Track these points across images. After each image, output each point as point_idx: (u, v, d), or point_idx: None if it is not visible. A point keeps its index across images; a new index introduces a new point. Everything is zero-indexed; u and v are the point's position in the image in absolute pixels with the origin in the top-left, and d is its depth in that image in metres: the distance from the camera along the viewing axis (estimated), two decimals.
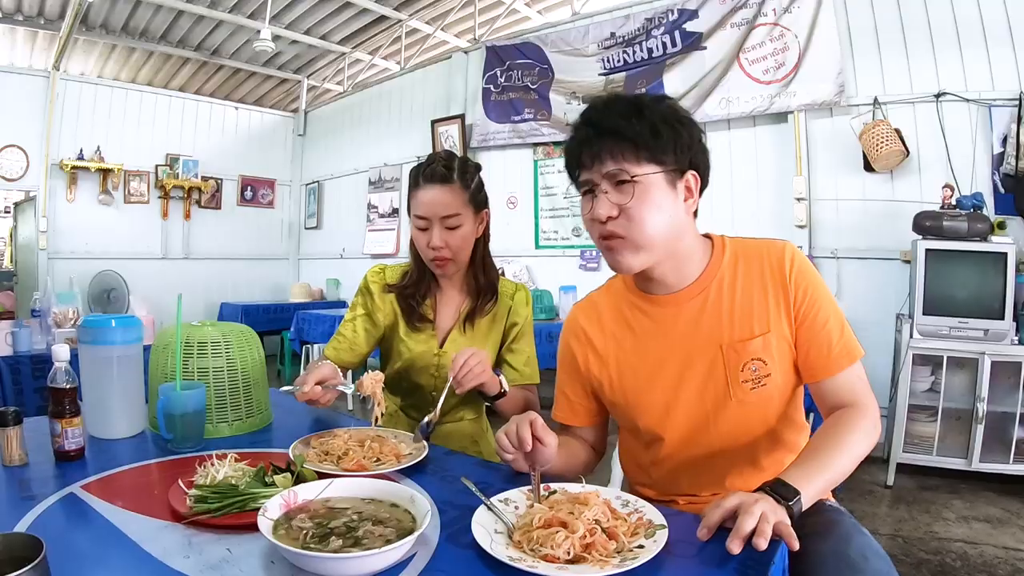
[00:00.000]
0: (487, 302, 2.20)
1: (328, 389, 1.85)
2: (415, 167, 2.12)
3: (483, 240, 2.20)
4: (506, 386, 1.95)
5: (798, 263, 1.49)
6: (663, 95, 1.51)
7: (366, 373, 1.89)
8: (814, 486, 1.24)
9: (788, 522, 1.12)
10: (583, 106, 5.25)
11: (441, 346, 2.17)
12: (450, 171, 2.06)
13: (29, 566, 0.79)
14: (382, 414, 1.89)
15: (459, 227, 2.06)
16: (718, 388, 1.50)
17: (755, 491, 1.19)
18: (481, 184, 2.16)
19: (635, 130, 1.38)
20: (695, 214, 1.53)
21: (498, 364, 2.23)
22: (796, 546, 1.09)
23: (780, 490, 1.19)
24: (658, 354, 1.56)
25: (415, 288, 2.19)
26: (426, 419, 1.82)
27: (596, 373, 1.66)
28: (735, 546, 1.06)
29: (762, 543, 1.05)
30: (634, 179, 1.39)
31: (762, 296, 1.49)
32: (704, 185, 1.51)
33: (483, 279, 2.20)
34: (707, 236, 1.60)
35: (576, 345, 1.71)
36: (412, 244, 2.17)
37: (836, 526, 1.35)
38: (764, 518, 1.09)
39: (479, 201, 2.13)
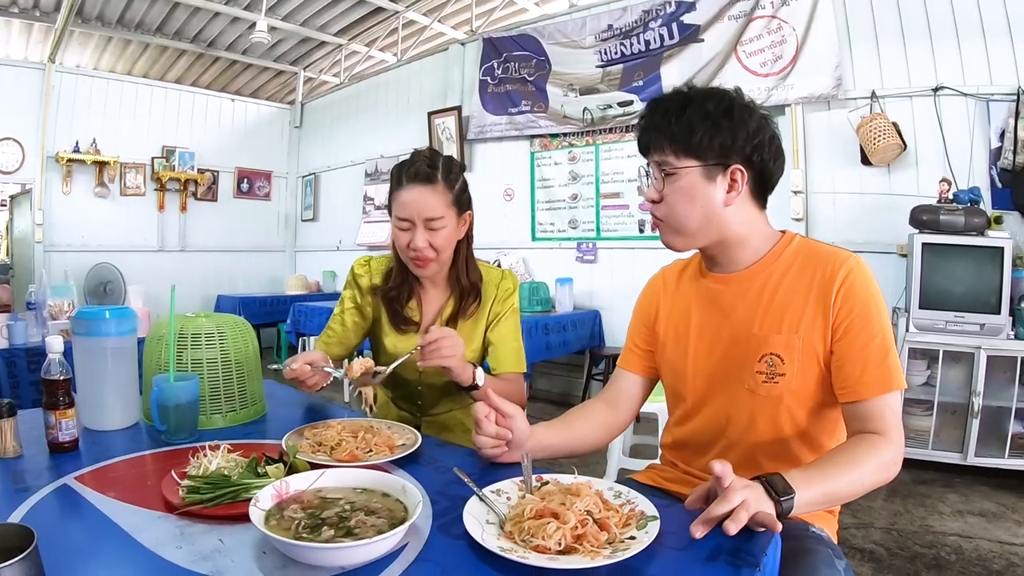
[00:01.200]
0: (470, 304, 2.17)
1: (316, 371, 1.84)
2: (397, 165, 2.08)
3: (466, 241, 2.18)
4: (479, 380, 1.92)
5: (852, 280, 1.47)
6: (726, 90, 1.56)
7: (356, 358, 1.87)
8: (813, 493, 1.23)
9: (772, 513, 1.13)
10: (580, 98, 5.29)
11: None
12: (434, 170, 2.02)
13: (20, 556, 0.79)
14: (374, 402, 1.88)
15: (442, 228, 2.03)
16: (735, 371, 1.56)
17: (752, 479, 1.20)
18: (465, 185, 2.12)
19: (672, 130, 1.50)
20: (764, 206, 1.61)
21: (483, 354, 2.22)
22: (779, 528, 1.10)
23: (775, 483, 1.19)
24: (699, 324, 1.65)
25: (399, 290, 2.17)
26: (374, 371, 1.85)
27: (655, 325, 1.79)
28: (697, 531, 1.09)
29: (732, 528, 1.06)
30: (670, 172, 1.51)
31: (802, 300, 1.50)
32: (770, 177, 1.57)
33: (465, 280, 2.17)
34: (783, 232, 1.65)
35: (652, 296, 1.83)
36: (394, 243, 2.14)
37: (807, 556, 1.36)
38: (743, 506, 1.09)
39: (463, 202, 2.10)
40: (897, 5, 4.96)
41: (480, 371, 1.92)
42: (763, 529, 1.11)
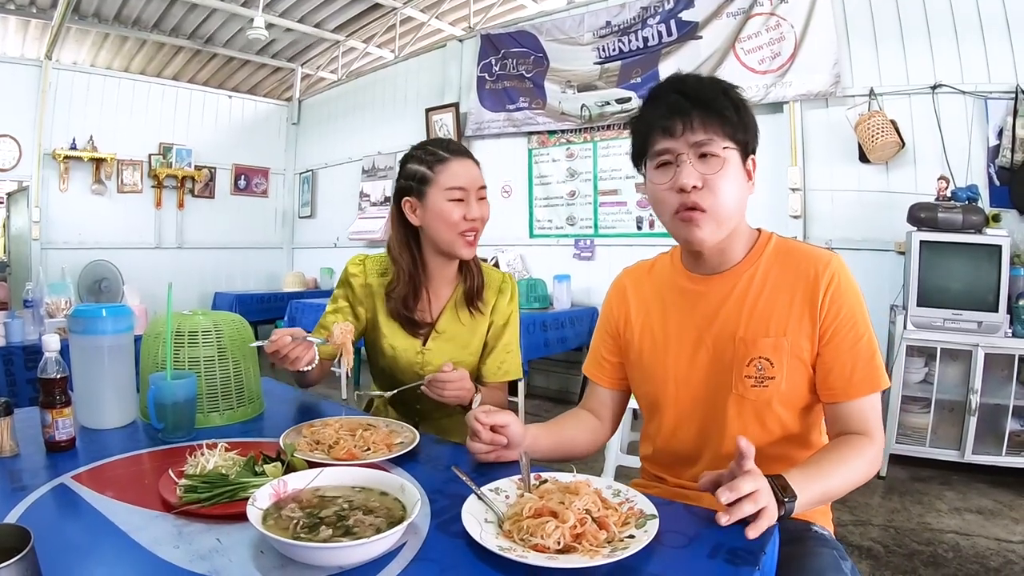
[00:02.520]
0: (477, 288, 2.16)
1: (297, 342, 1.82)
2: (428, 143, 2.10)
3: None
4: (475, 406, 1.88)
5: (837, 282, 1.45)
6: (731, 83, 1.52)
7: (337, 324, 1.88)
8: (811, 493, 1.24)
9: (774, 517, 1.14)
10: (578, 95, 5.22)
11: (424, 344, 2.15)
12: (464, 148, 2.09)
13: (16, 557, 0.79)
14: (351, 367, 1.86)
15: (485, 199, 2.07)
16: (722, 377, 1.52)
17: None
18: None
19: (725, 105, 1.43)
20: None
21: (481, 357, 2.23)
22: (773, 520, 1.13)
23: (778, 486, 1.19)
24: (678, 329, 1.60)
25: (407, 288, 2.10)
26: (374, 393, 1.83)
27: (624, 333, 1.74)
28: (724, 495, 1.13)
29: (749, 508, 1.12)
30: (721, 151, 1.42)
31: (787, 302, 1.48)
32: None
33: (473, 266, 2.17)
34: (758, 230, 1.61)
35: (616, 303, 1.78)
36: (400, 242, 2.11)
37: (813, 558, 1.36)
38: (761, 493, 1.14)
39: None
40: (896, 3, 4.95)
41: (478, 397, 1.91)
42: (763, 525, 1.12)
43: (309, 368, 1.91)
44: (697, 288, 1.59)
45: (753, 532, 1.09)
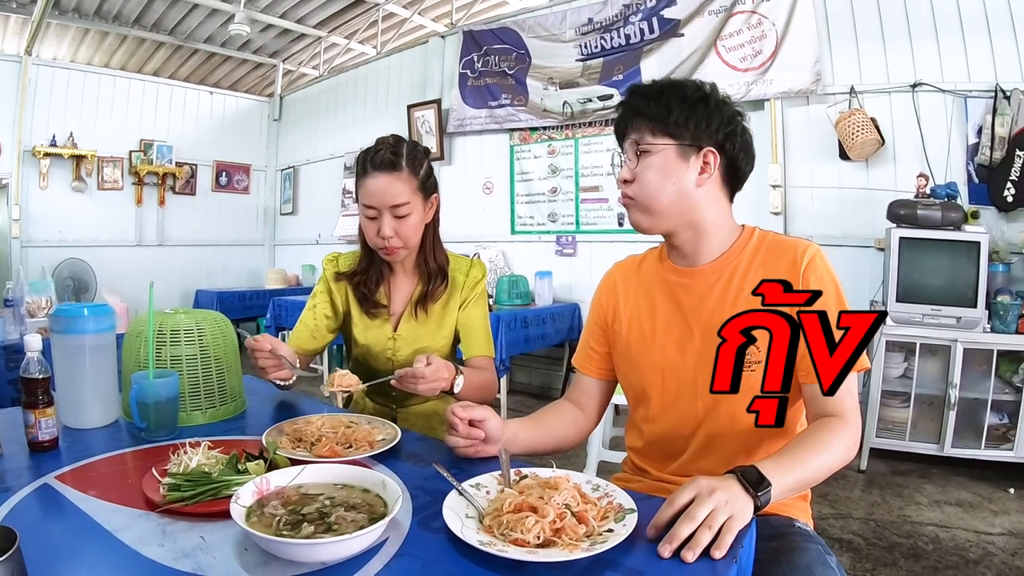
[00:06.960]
0: (437, 286, 2.19)
1: (274, 356, 1.89)
2: (362, 153, 2.09)
3: (433, 225, 2.20)
4: (456, 388, 1.89)
5: (815, 263, 1.50)
6: (704, 82, 1.61)
7: (338, 371, 1.88)
8: (786, 482, 1.22)
9: (747, 516, 1.10)
10: (560, 92, 5.24)
11: (395, 330, 2.19)
12: (398, 157, 2.02)
13: (2, 557, 0.79)
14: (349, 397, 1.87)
15: (409, 215, 2.04)
16: (709, 363, 1.52)
17: (725, 473, 1.19)
18: (431, 169, 2.15)
19: (651, 109, 1.54)
20: (732, 199, 1.63)
21: (455, 340, 2.27)
22: (718, 556, 1.03)
23: (751, 476, 1.17)
24: (666, 319, 1.64)
25: (365, 275, 2.20)
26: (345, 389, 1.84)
27: (612, 325, 1.77)
28: (664, 550, 1.04)
29: (689, 557, 1.02)
30: (644, 149, 1.54)
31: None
32: (741, 166, 1.60)
33: (433, 264, 2.20)
34: (742, 225, 1.65)
35: (606, 296, 1.82)
36: (361, 231, 2.15)
37: (800, 554, 1.36)
38: (706, 524, 1.06)
39: (429, 187, 2.11)
40: (877, 2, 4.99)
41: (460, 380, 1.90)
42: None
43: (283, 383, 2.00)
44: (682, 280, 1.63)
45: (718, 552, 1.03)
